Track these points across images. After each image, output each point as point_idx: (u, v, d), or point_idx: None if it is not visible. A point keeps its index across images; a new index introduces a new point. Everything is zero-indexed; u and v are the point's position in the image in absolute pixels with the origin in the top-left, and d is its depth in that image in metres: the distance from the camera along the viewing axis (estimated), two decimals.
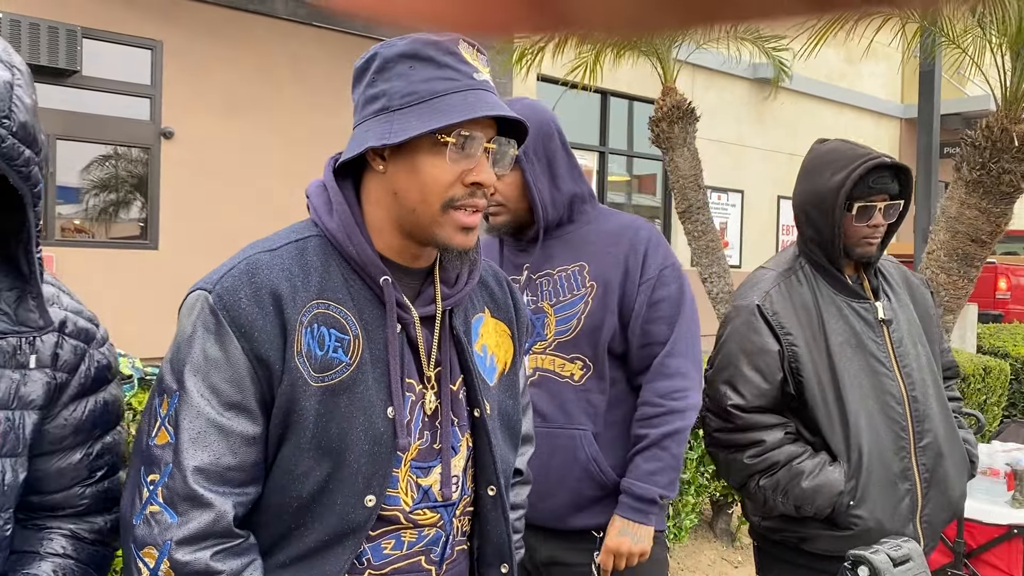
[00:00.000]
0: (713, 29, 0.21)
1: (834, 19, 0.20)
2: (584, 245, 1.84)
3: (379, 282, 1.17)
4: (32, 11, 6.41)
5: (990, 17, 4.71)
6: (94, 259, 6.83)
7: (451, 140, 1.13)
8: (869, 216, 1.94)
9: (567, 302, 1.81)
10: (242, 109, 7.43)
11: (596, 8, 0.20)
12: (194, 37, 7.22)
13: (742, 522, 4.28)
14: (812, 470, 1.86)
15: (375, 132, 1.14)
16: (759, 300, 1.96)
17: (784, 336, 1.93)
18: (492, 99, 1.16)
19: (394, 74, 1.15)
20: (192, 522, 1.07)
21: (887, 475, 1.88)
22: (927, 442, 1.94)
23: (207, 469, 1.08)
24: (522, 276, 1.83)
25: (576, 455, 1.76)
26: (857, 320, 1.97)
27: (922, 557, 1.29)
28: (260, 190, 7.39)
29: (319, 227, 1.20)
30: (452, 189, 1.15)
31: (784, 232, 12.94)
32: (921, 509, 1.93)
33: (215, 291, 1.11)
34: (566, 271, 1.83)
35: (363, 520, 1.14)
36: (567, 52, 5.72)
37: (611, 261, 1.82)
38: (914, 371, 1.98)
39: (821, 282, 1.99)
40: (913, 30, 5.46)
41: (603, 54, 6.24)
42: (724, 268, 6.02)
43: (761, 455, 1.90)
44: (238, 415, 1.10)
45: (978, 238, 4.76)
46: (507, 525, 1.30)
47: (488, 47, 1.39)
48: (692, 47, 6.85)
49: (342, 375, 1.14)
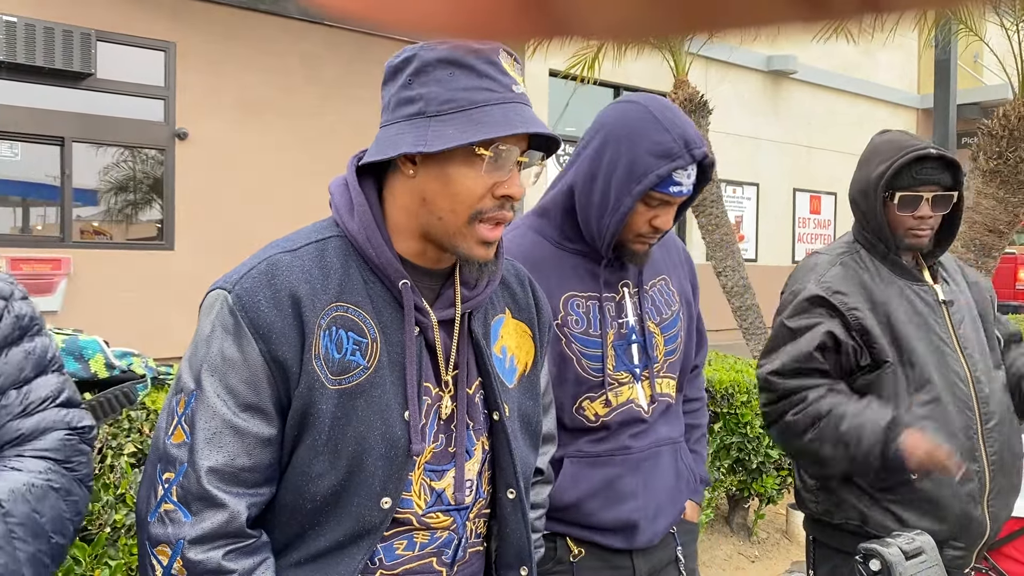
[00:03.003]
0: (714, 35, 0.21)
1: (838, 23, 0.19)
2: (657, 256, 1.73)
3: (398, 286, 1.17)
4: (47, 15, 6.47)
5: (1007, 4, 4.66)
6: (111, 260, 6.89)
7: (488, 153, 1.11)
8: (914, 207, 1.92)
9: (669, 320, 1.71)
10: (255, 109, 7.47)
11: (596, 13, 0.19)
12: (207, 38, 7.26)
13: (759, 516, 4.26)
14: (857, 411, 1.84)
15: (410, 137, 1.12)
16: (816, 284, 1.95)
17: (850, 312, 1.91)
18: (530, 114, 1.15)
19: (432, 79, 1.12)
20: (205, 522, 1.07)
21: (956, 451, 1.84)
22: (993, 424, 1.92)
23: (221, 470, 1.08)
24: (618, 294, 1.66)
25: (677, 467, 1.72)
26: (918, 300, 1.95)
27: (935, 551, 1.28)
28: (274, 190, 7.43)
29: (340, 227, 1.19)
30: (482, 201, 1.14)
31: (800, 225, 12.85)
32: (988, 493, 1.89)
33: (234, 291, 1.11)
34: (656, 285, 1.72)
35: (378, 522, 1.14)
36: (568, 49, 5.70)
37: (679, 272, 1.79)
38: (975, 353, 1.96)
39: (879, 265, 1.98)
40: (930, 20, 5.40)
41: (604, 50, 6.21)
42: (739, 261, 5.99)
43: (804, 410, 1.89)
44: (254, 416, 1.10)
45: (996, 228, 4.72)
46: (527, 528, 1.29)
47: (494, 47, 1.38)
48: (703, 41, 6.80)
49: (359, 378, 1.13)
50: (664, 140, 1.51)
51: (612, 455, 1.62)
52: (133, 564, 2.01)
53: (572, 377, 1.59)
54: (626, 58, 6.48)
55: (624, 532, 1.62)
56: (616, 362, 1.62)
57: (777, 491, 4.10)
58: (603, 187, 1.55)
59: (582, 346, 1.60)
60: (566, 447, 1.60)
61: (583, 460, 1.60)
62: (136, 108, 7.05)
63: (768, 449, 3.95)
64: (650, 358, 1.64)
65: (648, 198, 1.54)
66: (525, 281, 1.40)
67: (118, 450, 2.01)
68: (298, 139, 7.59)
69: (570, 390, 1.59)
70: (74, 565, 1.93)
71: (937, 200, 1.94)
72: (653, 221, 1.56)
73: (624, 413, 1.62)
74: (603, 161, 1.56)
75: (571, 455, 1.60)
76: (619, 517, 1.60)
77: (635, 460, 1.63)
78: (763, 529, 4.40)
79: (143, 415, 2.12)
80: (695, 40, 6.74)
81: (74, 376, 1.95)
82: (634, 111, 1.57)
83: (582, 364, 1.59)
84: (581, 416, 1.60)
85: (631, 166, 1.51)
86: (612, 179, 1.54)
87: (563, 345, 1.59)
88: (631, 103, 1.60)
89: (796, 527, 4.35)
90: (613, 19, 0.19)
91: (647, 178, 1.50)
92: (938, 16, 4.87)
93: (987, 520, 1.90)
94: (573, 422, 1.60)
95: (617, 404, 1.61)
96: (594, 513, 1.60)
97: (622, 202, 1.53)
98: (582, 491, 1.59)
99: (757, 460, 3.90)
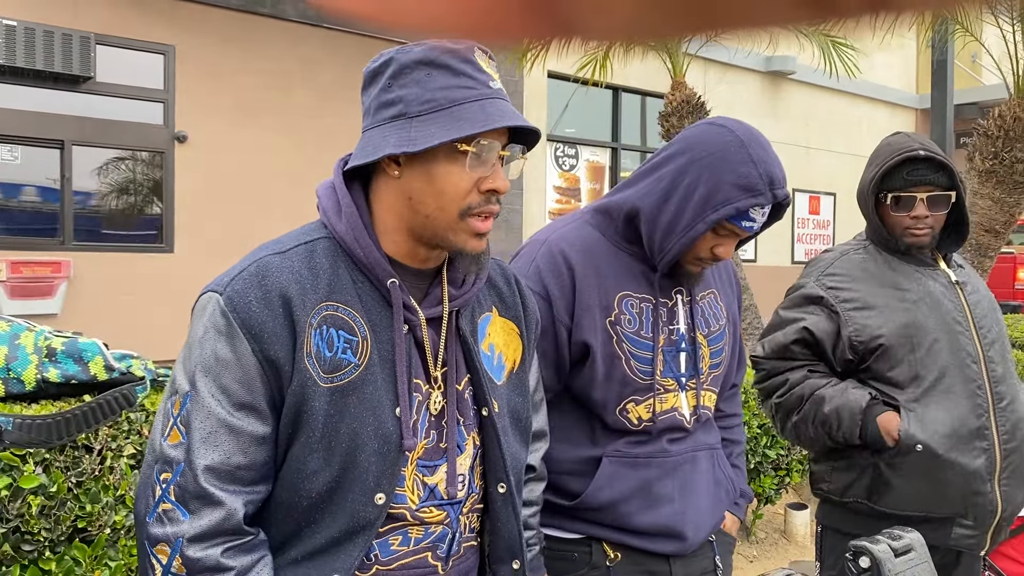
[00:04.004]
0: (715, 36, 0.21)
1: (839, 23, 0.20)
2: (708, 271, 1.71)
3: (386, 284, 1.19)
4: (46, 19, 6.49)
5: (1004, 5, 4.67)
6: (110, 263, 6.90)
7: (471, 149, 1.14)
8: (909, 207, 1.98)
9: (717, 333, 1.69)
10: (254, 112, 7.48)
11: (598, 14, 0.20)
12: (206, 41, 7.27)
13: (757, 516, 4.27)
14: (835, 394, 1.95)
15: (393, 138, 1.15)
16: (814, 281, 2.05)
17: (841, 304, 2.00)
18: (508, 108, 1.18)
19: (411, 80, 1.15)
20: (203, 520, 1.09)
21: (960, 431, 1.89)
22: (1007, 403, 1.95)
23: (218, 468, 1.10)
24: (671, 300, 1.64)
25: (716, 475, 1.71)
26: (932, 281, 2.02)
27: (925, 548, 1.29)
28: (273, 192, 7.44)
29: (328, 229, 1.22)
30: (469, 197, 1.17)
31: (800, 225, 12.86)
32: (1000, 472, 1.92)
33: (225, 293, 1.13)
34: (706, 297, 1.70)
35: (373, 518, 1.16)
36: (572, 52, 5.71)
37: (727, 291, 1.77)
38: (991, 333, 2.01)
39: (890, 257, 2.06)
40: (927, 20, 5.42)
41: (612, 52, 6.22)
42: (736, 262, 6.00)
43: (787, 392, 2.03)
44: (248, 415, 1.12)
45: (992, 228, 4.73)
46: (518, 521, 1.31)
47: (495, 49, 1.40)
48: (703, 41, 6.82)
49: (351, 376, 1.16)
50: (750, 174, 1.48)
51: (651, 457, 1.60)
52: (133, 565, 2.03)
53: (619, 377, 1.57)
54: (627, 60, 6.50)
55: (661, 537, 1.60)
56: (664, 368, 1.60)
57: (775, 491, 4.12)
58: (677, 207, 1.52)
59: (633, 347, 1.58)
60: (605, 446, 1.59)
61: (622, 460, 1.59)
62: (135, 111, 7.06)
63: (766, 449, 3.96)
64: (697, 369, 1.63)
65: (719, 227, 1.52)
66: (512, 280, 1.42)
67: (118, 452, 2.03)
68: (297, 141, 7.60)
69: (616, 389, 1.57)
70: (74, 566, 1.94)
71: (934, 200, 1.99)
72: (715, 249, 1.55)
73: (667, 421, 1.60)
74: (683, 183, 1.52)
75: (610, 454, 1.59)
76: (656, 521, 1.59)
77: (673, 463, 1.61)
78: (761, 529, 4.41)
79: (142, 417, 2.13)
80: (694, 41, 6.76)
81: (74, 378, 1.97)
82: (725, 138, 1.52)
83: (631, 365, 1.57)
84: (624, 418, 1.58)
85: (711, 193, 1.48)
86: (689, 202, 1.51)
87: (614, 344, 1.57)
88: (722, 128, 1.55)
89: (794, 527, 4.36)
90: (616, 20, 0.20)
91: (725, 208, 1.47)
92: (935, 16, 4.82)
93: (999, 499, 1.92)
94: (616, 423, 1.59)
95: (661, 411, 1.60)
96: (631, 515, 1.58)
97: (694, 227, 1.50)
98: (618, 492, 1.58)
99: (755, 460, 3.92)
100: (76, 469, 1.94)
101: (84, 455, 1.96)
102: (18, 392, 1.92)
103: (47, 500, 1.88)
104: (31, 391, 1.94)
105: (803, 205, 12.91)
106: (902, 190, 1.99)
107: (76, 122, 6.77)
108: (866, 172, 2.05)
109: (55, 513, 1.90)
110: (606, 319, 1.57)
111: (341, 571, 1.15)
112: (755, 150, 1.50)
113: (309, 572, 1.16)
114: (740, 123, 1.58)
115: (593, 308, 1.56)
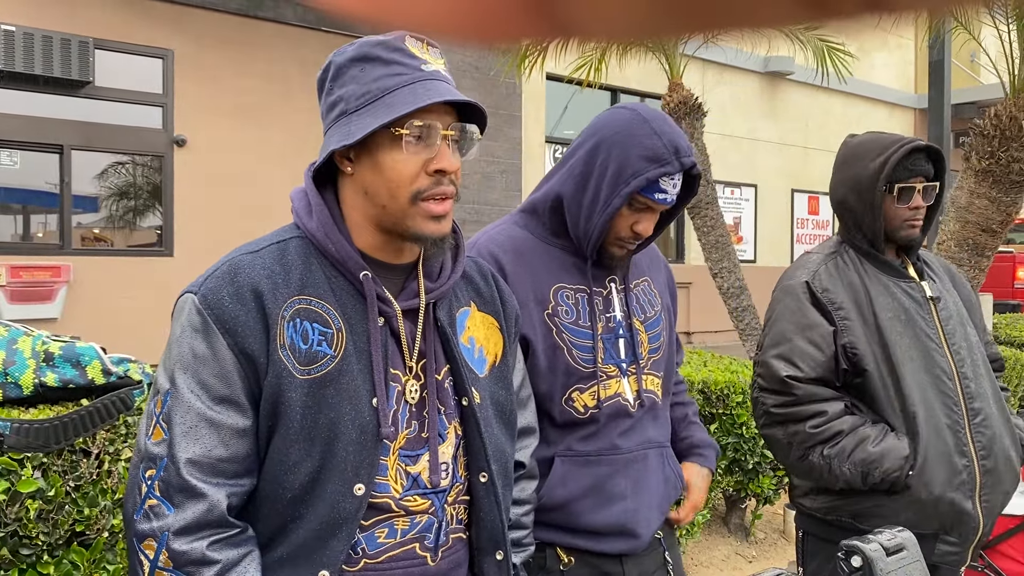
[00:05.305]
0: (715, 36, 0.21)
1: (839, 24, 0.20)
2: (641, 260, 1.79)
3: (359, 277, 1.22)
4: (45, 24, 6.50)
5: (1000, 4, 4.68)
6: (111, 267, 6.91)
7: (405, 132, 1.18)
8: (909, 198, 1.98)
9: (653, 319, 1.74)
10: (253, 115, 7.50)
11: (596, 15, 0.20)
12: (204, 45, 7.29)
13: (756, 516, 4.27)
14: (877, 435, 1.90)
15: (336, 136, 1.20)
16: (808, 278, 2.01)
17: (836, 311, 1.97)
18: (441, 87, 1.20)
19: (348, 78, 1.21)
20: (187, 512, 1.11)
21: (943, 448, 1.89)
22: (981, 419, 1.94)
23: (199, 461, 1.13)
24: (605, 289, 1.69)
25: (665, 472, 1.72)
26: (905, 297, 1.99)
27: (916, 547, 1.30)
28: (273, 195, 7.44)
29: (300, 228, 1.26)
30: (417, 181, 1.20)
31: (799, 226, 12.87)
32: (980, 487, 1.92)
33: (200, 292, 1.17)
34: (640, 284, 1.76)
35: (353, 509, 1.18)
36: (570, 53, 5.72)
37: (660, 279, 1.83)
38: (963, 349, 1.99)
39: (867, 264, 2.03)
40: (926, 20, 5.42)
41: (608, 53, 6.24)
42: (734, 263, 6.00)
43: (824, 424, 1.92)
44: (227, 408, 1.15)
45: (988, 227, 4.74)
46: (500, 512, 1.32)
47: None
48: (701, 42, 6.83)
49: (327, 367, 1.18)
50: (655, 145, 1.55)
51: (601, 455, 1.63)
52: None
53: (562, 367, 1.61)
54: (624, 61, 6.51)
55: (614, 536, 1.62)
56: (605, 355, 1.64)
57: (774, 491, 4.12)
58: (595, 188, 1.60)
59: (573, 336, 1.62)
60: (556, 445, 1.62)
61: (574, 459, 1.62)
62: (134, 115, 7.08)
63: (764, 449, 3.96)
64: (636, 354, 1.68)
65: (634, 201, 1.58)
66: (488, 276, 1.45)
67: (115, 456, 2.03)
68: (296, 145, 7.61)
69: (560, 380, 1.61)
70: (72, 570, 1.95)
71: (926, 191, 2.00)
72: (635, 226, 1.61)
73: (612, 407, 1.64)
74: (596, 163, 1.60)
75: (561, 454, 1.62)
76: (608, 520, 1.61)
77: (624, 460, 1.64)
78: (760, 529, 4.42)
79: (140, 421, 2.14)
80: (692, 42, 6.76)
81: (71, 382, 1.97)
82: (628, 116, 1.61)
83: (573, 355, 1.61)
84: (571, 407, 1.61)
85: (621, 168, 1.56)
86: (603, 180, 1.58)
87: (554, 335, 1.61)
88: (626, 109, 1.65)
89: (793, 527, 4.36)
90: (614, 21, 0.20)
91: (636, 180, 1.54)
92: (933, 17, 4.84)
93: (980, 515, 1.92)
94: (563, 415, 1.61)
95: (605, 397, 1.63)
96: (584, 514, 1.60)
97: (610, 202, 1.57)
98: (572, 491, 1.60)
99: (753, 460, 3.92)
100: (74, 473, 1.95)
101: (82, 459, 1.97)
102: (16, 396, 1.93)
103: (45, 504, 1.89)
104: (29, 395, 1.94)
105: (802, 205, 12.92)
106: (905, 181, 1.98)
107: (75, 127, 6.79)
108: (856, 168, 2.01)
109: (53, 517, 1.91)
110: (543, 312, 1.62)
111: (328, 566, 1.17)
112: (658, 124, 1.58)
113: (297, 570, 1.17)
114: (644, 105, 1.68)
115: (528, 303, 1.60)
